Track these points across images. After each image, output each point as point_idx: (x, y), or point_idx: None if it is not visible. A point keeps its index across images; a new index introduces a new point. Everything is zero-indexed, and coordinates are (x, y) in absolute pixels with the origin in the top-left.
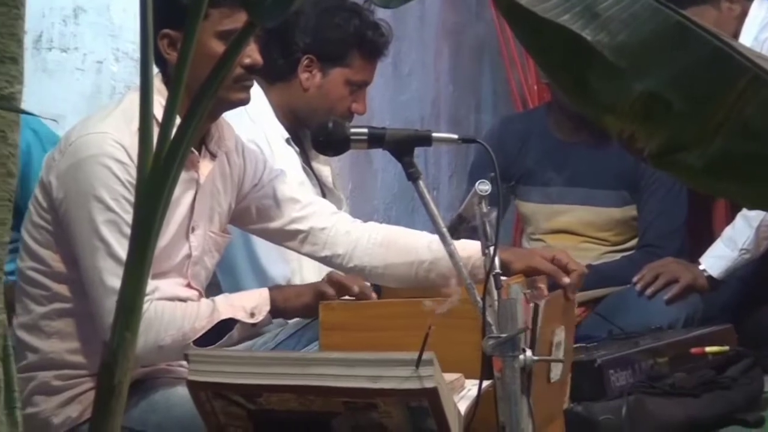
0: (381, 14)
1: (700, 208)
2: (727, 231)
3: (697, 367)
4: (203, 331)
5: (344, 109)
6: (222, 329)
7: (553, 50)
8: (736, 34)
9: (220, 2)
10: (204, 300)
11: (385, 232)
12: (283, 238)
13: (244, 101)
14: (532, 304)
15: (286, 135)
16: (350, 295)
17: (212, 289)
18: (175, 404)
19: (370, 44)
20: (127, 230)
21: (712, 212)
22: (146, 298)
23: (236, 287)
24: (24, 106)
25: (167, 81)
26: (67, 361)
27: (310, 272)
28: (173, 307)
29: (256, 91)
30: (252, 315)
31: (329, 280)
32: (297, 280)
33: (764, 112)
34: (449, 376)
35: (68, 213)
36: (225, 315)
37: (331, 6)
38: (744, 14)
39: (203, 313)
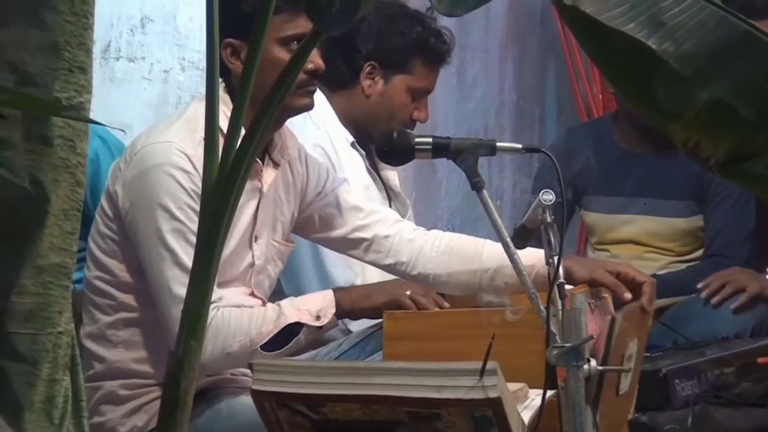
0: (445, 23)
1: (765, 217)
2: None
3: (765, 377)
4: (270, 336)
5: (406, 117)
6: (288, 334)
7: (618, 59)
8: None
9: (281, 8)
10: (270, 305)
11: (448, 240)
12: (347, 246)
13: (308, 107)
14: (608, 317)
15: (351, 139)
16: (425, 307)
17: (276, 296)
18: (239, 413)
19: (433, 51)
20: (193, 238)
21: None
22: (212, 306)
23: (299, 290)
24: (92, 115)
25: (230, 90)
26: (133, 371)
27: (373, 277)
28: (240, 314)
29: (319, 97)
30: (318, 318)
31: (411, 296)
32: (360, 282)
33: None
34: (513, 386)
35: (134, 222)
36: (291, 319)
37: (394, 13)
38: None
39: (269, 317)
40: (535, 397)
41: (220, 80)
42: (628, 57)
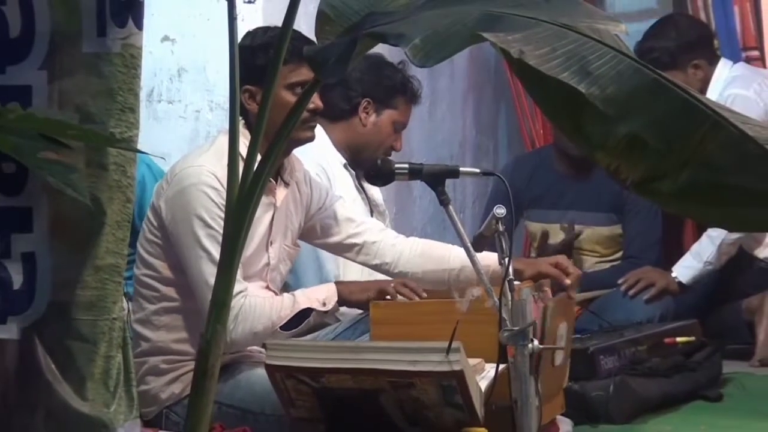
0: (420, 72)
1: (672, 227)
2: (695, 246)
3: (670, 354)
4: (287, 319)
5: (388, 146)
6: (301, 317)
7: (555, 100)
8: (701, 94)
9: (287, 60)
10: (286, 294)
11: (423, 245)
12: (342, 249)
13: (311, 139)
14: (542, 305)
15: (344, 161)
16: (408, 295)
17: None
18: (256, 383)
19: (411, 92)
20: None
21: (682, 230)
22: (241, 295)
23: (298, 277)
24: (139, 146)
25: (248, 126)
26: (172, 349)
27: (352, 273)
28: (263, 301)
29: (318, 128)
30: (324, 305)
31: (395, 286)
32: (341, 277)
33: (723, 150)
34: (473, 361)
35: (175, 230)
36: (303, 305)
37: (378, 61)
38: (706, 78)
39: (286, 304)
40: (490, 370)
41: (240, 118)
42: (563, 99)
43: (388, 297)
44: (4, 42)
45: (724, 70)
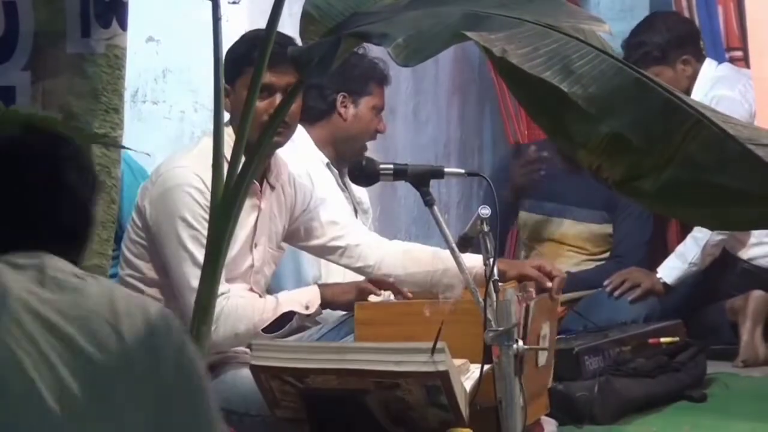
0: (404, 72)
1: (657, 227)
2: (680, 248)
3: (654, 354)
4: (269, 321)
5: (372, 130)
6: (283, 320)
7: (537, 99)
8: (688, 91)
9: (252, 62)
10: (269, 296)
11: (406, 248)
12: (325, 252)
13: (279, 144)
14: (524, 305)
15: (326, 160)
16: (386, 287)
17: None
18: (240, 383)
19: (381, 75)
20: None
21: (666, 230)
22: (224, 296)
23: (278, 281)
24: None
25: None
26: None
27: (334, 275)
28: (245, 303)
29: (299, 129)
30: (306, 308)
31: (370, 280)
32: (323, 280)
33: (705, 149)
34: (457, 361)
35: (159, 230)
36: (286, 308)
37: None
38: (695, 75)
39: (269, 306)
40: (475, 370)
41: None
42: (545, 98)
43: (371, 296)
44: None
45: (709, 69)
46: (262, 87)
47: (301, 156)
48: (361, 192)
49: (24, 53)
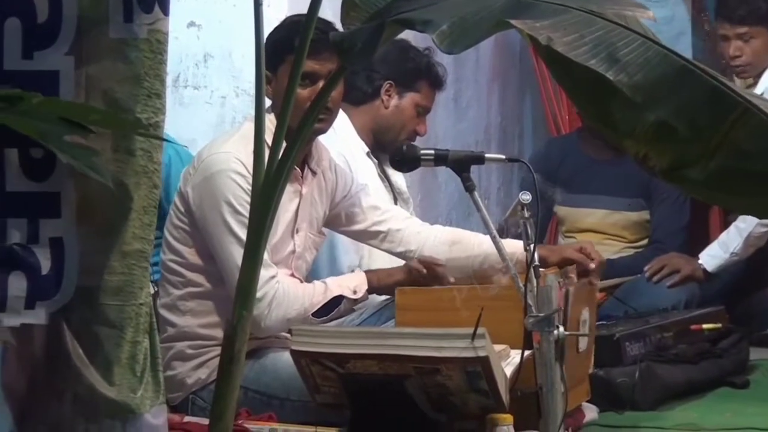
0: (444, 59)
1: (699, 213)
2: (722, 236)
3: (696, 340)
4: (319, 306)
5: (412, 129)
6: (331, 304)
7: (583, 87)
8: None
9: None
10: (317, 281)
11: (448, 233)
12: (367, 237)
13: (322, 131)
14: (563, 290)
15: (367, 149)
16: (435, 272)
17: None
18: (281, 368)
19: (436, 77)
20: None
21: (708, 216)
22: (275, 280)
23: (312, 271)
24: (164, 132)
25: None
26: (198, 334)
27: (378, 263)
28: (296, 288)
29: (342, 116)
30: (354, 292)
31: (418, 260)
32: (364, 268)
33: (753, 137)
34: (498, 347)
35: (203, 216)
36: (335, 293)
37: (403, 45)
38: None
39: (318, 291)
40: (515, 356)
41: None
42: (590, 86)
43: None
44: (31, 27)
45: None
46: (305, 75)
47: (342, 143)
48: (401, 182)
49: (67, 38)
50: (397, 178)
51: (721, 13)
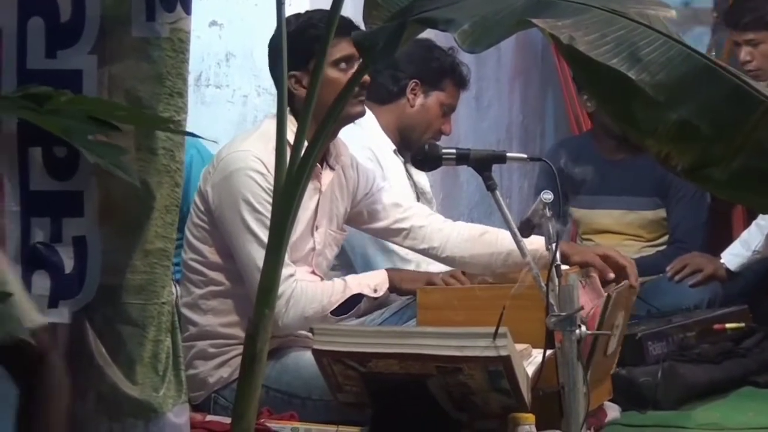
0: (466, 58)
1: (721, 212)
2: (744, 234)
3: (719, 340)
4: (338, 304)
5: (437, 128)
6: (352, 303)
7: (604, 86)
8: None
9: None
10: (337, 279)
11: (470, 230)
12: (389, 234)
13: (362, 113)
14: (605, 294)
15: (393, 147)
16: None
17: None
18: (303, 367)
19: (460, 76)
20: None
21: (731, 215)
22: (293, 279)
23: (367, 262)
24: (186, 129)
25: (293, 111)
26: (220, 333)
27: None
28: (314, 286)
29: (368, 112)
30: (375, 291)
31: (442, 278)
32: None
33: None
34: (519, 346)
35: (223, 215)
36: (355, 291)
37: (428, 44)
38: None
39: (338, 289)
40: (537, 356)
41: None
42: (612, 85)
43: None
44: (55, 26)
45: None
46: (343, 58)
47: (369, 139)
48: (424, 182)
49: (90, 37)
50: (420, 177)
51: (728, 20)
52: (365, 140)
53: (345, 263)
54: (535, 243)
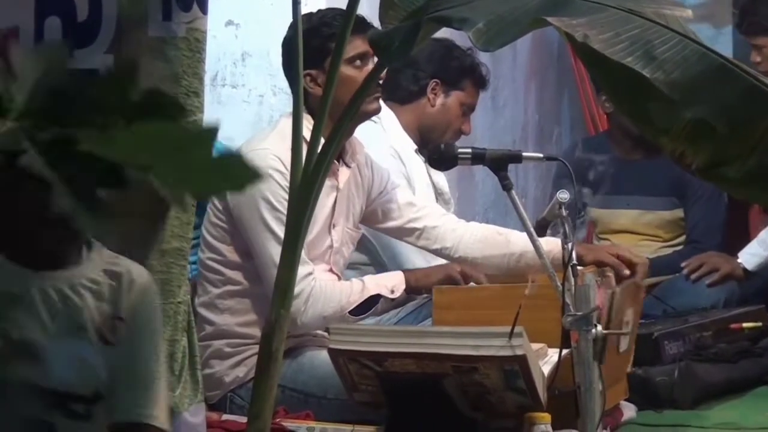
0: (482, 56)
1: (738, 212)
2: (762, 234)
3: (735, 339)
4: (356, 304)
5: (457, 127)
6: (369, 303)
7: (619, 85)
8: None
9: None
10: (355, 279)
11: (484, 230)
12: (403, 234)
13: (378, 110)
14: (609, 291)
15: (415, 147)
16: (475, 280)
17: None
18: (318, 367)
19: (480, 76)
20: None
21: (748, 215)
22: (311, 277)
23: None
24: None
25: (309, 109)
26: (236, 332)
27: None
28: (333, 285)
29: (389, 113)
30: (392, 292)
31: (461, 271)
32: None
33: None
34: (535, 346)
35: (241, 213)
36: (372, 291)
37: (448, 44)
38: None
39: (356, 289)
40: (553, 355)
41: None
42: (628, 84)
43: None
44: (71, 26)
45: None
46: (358, 56)
47: (392, 138)
48: (442, 182)
49: (107, 36)
50: (439, 178)
51: (737, 24)
52: (389, 140)
53: (375, 262)
54: (550, 244)
